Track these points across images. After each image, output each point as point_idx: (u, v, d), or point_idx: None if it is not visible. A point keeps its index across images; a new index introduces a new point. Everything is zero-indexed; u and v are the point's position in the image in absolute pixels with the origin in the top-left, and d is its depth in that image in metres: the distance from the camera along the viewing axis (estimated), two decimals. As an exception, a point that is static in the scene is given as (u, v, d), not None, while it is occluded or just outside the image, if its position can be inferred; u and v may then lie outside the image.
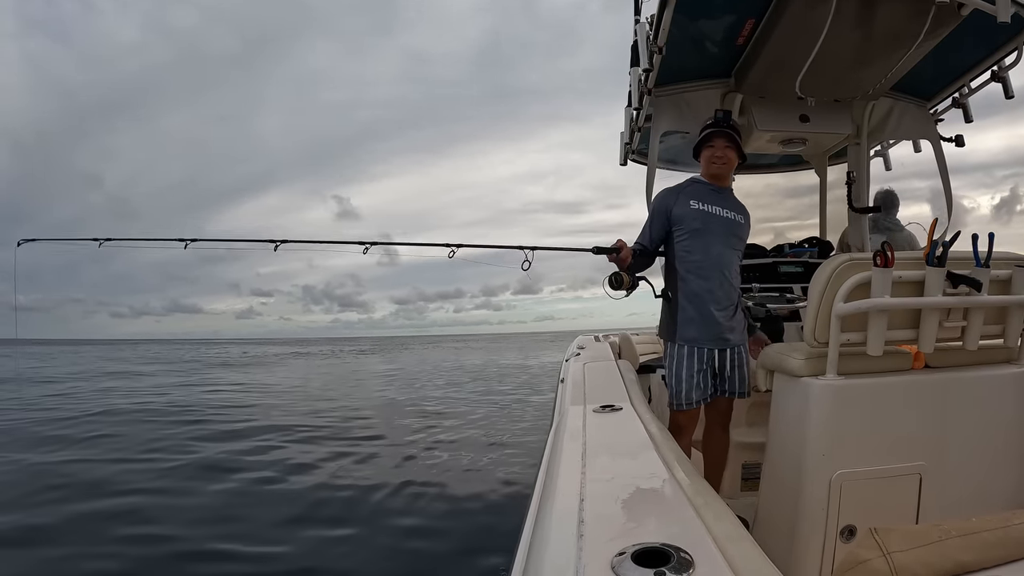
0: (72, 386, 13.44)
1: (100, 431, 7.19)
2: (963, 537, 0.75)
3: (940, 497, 1.68)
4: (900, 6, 2.05)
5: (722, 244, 2.19)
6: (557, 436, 1.53)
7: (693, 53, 2.61)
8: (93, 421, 8.00)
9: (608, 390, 2.02)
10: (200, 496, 4.48)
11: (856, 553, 0.74)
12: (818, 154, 3.45)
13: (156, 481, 4.86)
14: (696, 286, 2.17)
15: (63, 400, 10.60)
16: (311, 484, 4.80)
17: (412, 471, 5.22)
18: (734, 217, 2.23)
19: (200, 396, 11.56)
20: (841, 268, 1.65)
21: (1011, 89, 2.55)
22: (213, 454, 5.88)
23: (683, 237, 2.21)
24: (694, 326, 2.18)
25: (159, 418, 8.31)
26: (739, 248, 2.27)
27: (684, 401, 2.19)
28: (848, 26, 2.13)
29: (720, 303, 2.17)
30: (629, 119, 3.24)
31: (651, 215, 2.30)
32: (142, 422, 7.95)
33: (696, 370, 2.18)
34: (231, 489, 4.67)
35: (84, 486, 4.65)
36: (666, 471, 1.12)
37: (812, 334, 1.68)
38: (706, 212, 2.19)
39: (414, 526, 3.78)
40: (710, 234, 2.18)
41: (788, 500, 1.73)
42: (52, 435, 6.90)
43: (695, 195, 2.22)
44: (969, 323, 1.70)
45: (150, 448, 6.13)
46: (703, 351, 2.17)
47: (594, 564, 0.71)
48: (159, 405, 9.83)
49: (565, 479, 1.12)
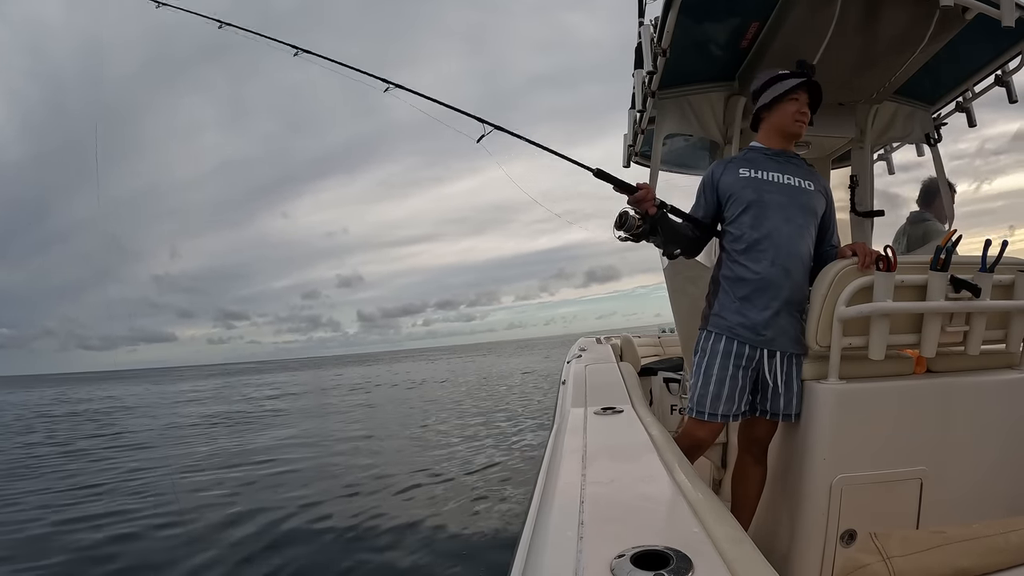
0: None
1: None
2: (963, 543, 0.75)
3: (941, 502, 1.68)
4: (904, 10, 2.05)
5: (781, 217, 1.74)
6: (558, 438, 1.53)
7: (697, 56, 2.61)
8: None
9: (609, 392, 2.03)
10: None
11: (856, 557, 0.74)
12: (821, 157, 3.43)
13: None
14: (742, 270, 1.76)
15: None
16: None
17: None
18: (801, 184, 1.80)
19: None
20: (843, 272, 1.64)
21: (1015, 93, 2.55)
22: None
23: (732, 211, 1.82)
24: (734, 313, 1.76)
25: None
26: (809, 224, 1.79)
27: (708, 409, 1.74)
28: (852, 29, 2.13)
29: (773, 291, 1.72)
30: (632, 121, 3.24)
31: (699, 189, 1.93)
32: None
33: (731, 373, 1.73)
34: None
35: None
36: (666, 474, 1.12)
37: (814, 338, 1.68)
38: (759, 179, 1.79)
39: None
40: (764, 206, 1.76)
41: (788, 504, 1.73)
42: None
43: (747, 162, 1.84)
44: (971, 328, 1.70)
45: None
46: (743, 347, 1.73)
47: (593, 566, 0.71)
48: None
49: (565, 481, 1.12)
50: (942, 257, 1.59)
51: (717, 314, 1.80)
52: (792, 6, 2.16)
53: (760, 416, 1.80)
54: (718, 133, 2.93)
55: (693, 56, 2.59)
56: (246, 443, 8.74)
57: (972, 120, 2.89)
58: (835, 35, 2.07)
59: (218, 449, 8.34)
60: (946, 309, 1.64)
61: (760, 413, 1.80)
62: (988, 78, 2.66)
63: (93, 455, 8.41)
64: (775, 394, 1.74)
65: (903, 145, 3.38)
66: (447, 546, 3.61)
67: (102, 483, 6.25)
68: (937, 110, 3.06)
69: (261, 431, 10.16)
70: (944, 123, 3.07)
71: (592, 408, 1.82)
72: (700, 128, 2.90)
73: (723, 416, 1.74)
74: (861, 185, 3.17)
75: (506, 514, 4.13)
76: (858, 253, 1.66)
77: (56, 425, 13.47)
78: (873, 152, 3.21)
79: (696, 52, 2.57)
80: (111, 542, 4.16)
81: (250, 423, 11.73)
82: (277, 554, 3.65)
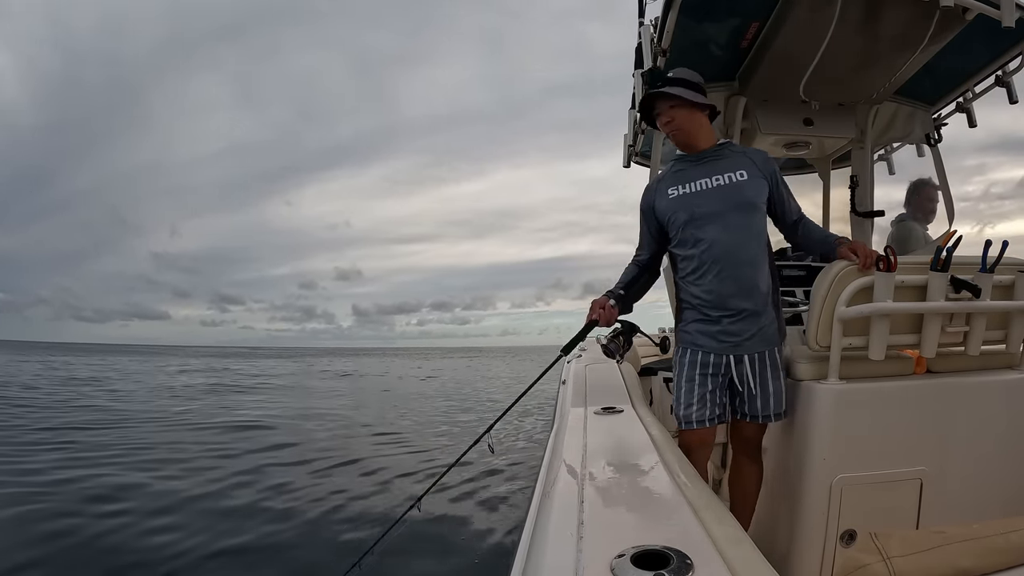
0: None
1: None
2: (963, 543, 0.75)
3: (940, 502, 1.68)
4: (905, 10, 2.05)
5: (718, 227, 1.71)
6: (558, 437, 1.53)
7: (697, 56, 2.61)
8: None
9: (609, 392, 2.02)
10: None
11: (856, 557, 0.74)
12: (822, 158, 3.44)
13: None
14: (694, 289, 1.77)
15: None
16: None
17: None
18: (733, 178, 1.72)
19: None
20: (844, 272, 1.64)
21: (1015, 94, 2.54)
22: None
23: (672, 234, 1.82)
24: (695, 326, 1.80)
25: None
26: (751, 220, 1.73)
27: (683, 419, 1.78)
28: (853, 30, 2.13)
29: (725, 303, 1.71)
30: (633, 121, 3.24)
31: (640, 220, 1.94)
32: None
33: (698, 382, 1.75)
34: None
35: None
36: (666, 473, 1.12)
37: (814, 338, 1.68)
38: (688, 195, 1.76)
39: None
40: (699, 222, 1.73)
41: (789, 504, 1.73)
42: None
43: (676, 179, 1.81)
44: (971, 328, 1.70)
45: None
46: (708, 356, 1.75)
47: (593, 566, 0.71)
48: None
49: (565, 480, 1.12)
50: (942, 257, 1.60)
51: (683, 329, 1.84)
52: (792, 6, 2.16)
53: (741, 419, 1.82)
54: (718, 133, 2.93)
55: (693, 56, 2.59)
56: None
57: (972, 120, 2.89)
58: (835, 35, 2.07)
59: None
60: (946, 309, 1.64)
61: (741, 416, 1.81)
62: (988, 78, 2.66)
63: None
64: (751, 396, 1.76)
65: (903, 145, 3.38)
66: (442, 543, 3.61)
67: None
68: (937, 110, 3.06)
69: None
70: (945, 123, 3.08)
71: (592, 408, 1.82)
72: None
73: (699, 422, 1.75)
74: (861, 185, 3.18)
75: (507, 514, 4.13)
76: (858, 253, 1.65)
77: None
78: (873, 152, 3.22)
79: (696, 52, 2.57)
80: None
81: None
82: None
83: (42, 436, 6.87)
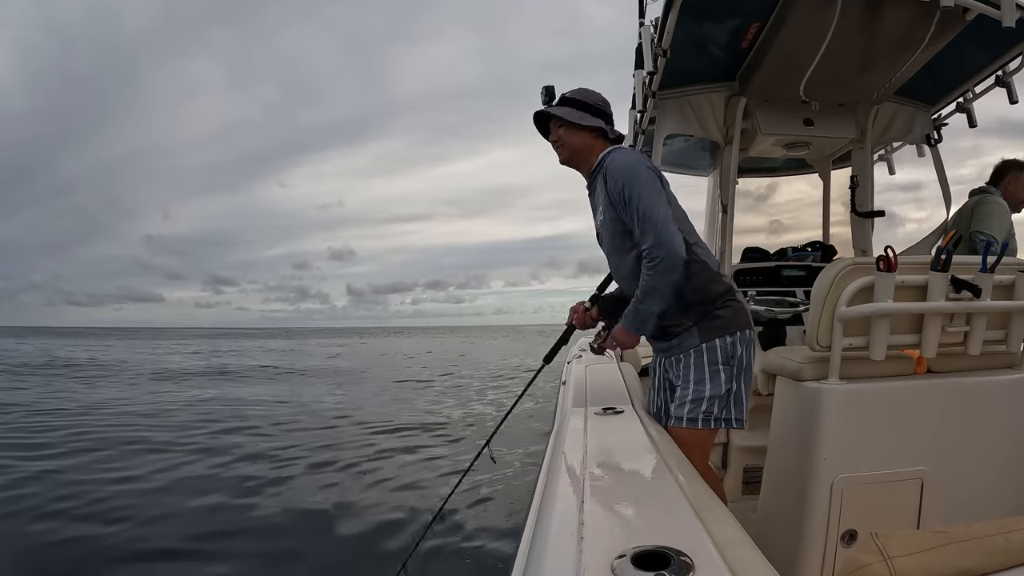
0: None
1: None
2: (964, 543, 0.75)
3: (941, 502, 1.68)
4: (905, 10, 2.05)
5: (607, 251, 1.81)
6: (558, 438, 1.53)
7: (697, 56, 2.61)
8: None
9: (610, 392, 2.02)
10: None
11: (857, 558, 0.74)
12: (822, 158, 3.44)
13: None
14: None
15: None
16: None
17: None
18: (599, 207, 1.73)
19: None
20: (844, 272, 1.64)
21: (1015, 94, 2.55)
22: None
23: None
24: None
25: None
26: (621, 239, 1.69)
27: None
28: (853, 30, 2.13)
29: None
30: (633, 121, 3.24)
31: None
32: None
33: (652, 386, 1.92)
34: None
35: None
36: (667, 474, 1.12)
37: (814, 338, 1.68)
38: (596, 226, 1.83)
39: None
40: (603, 243, 1.83)
41: (789, 504, 1.73)
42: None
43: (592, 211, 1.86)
44: (972, 328, 1.70)
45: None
46: (655, 364, 1.90)
47: (594, 567, 0.71)
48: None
49: (566, 481, 1.12)
50: (943, 258, 1.60)
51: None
52: (792, 6, 2.16)
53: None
54: (718, 133, 2.93)
55: (693, 56, 2.60)
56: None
57: (972, 121, 2.89)
58: (835, 35, 2.07)
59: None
60: (947, 309, 1.64)
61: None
62: (988, 78, 2.67)
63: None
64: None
65: (903, 146, 3.39)
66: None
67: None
68: (937, 111, 3.06)
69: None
70: (945, 123, 3.08)
71: (592, 408, 1.82)
72: (700, 128, 2.90)
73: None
74: (862, 185, 3.18)
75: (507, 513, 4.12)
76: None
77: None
78: (874, 152, 3.22)
79: (696, 52, 2.58)
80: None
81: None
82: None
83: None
